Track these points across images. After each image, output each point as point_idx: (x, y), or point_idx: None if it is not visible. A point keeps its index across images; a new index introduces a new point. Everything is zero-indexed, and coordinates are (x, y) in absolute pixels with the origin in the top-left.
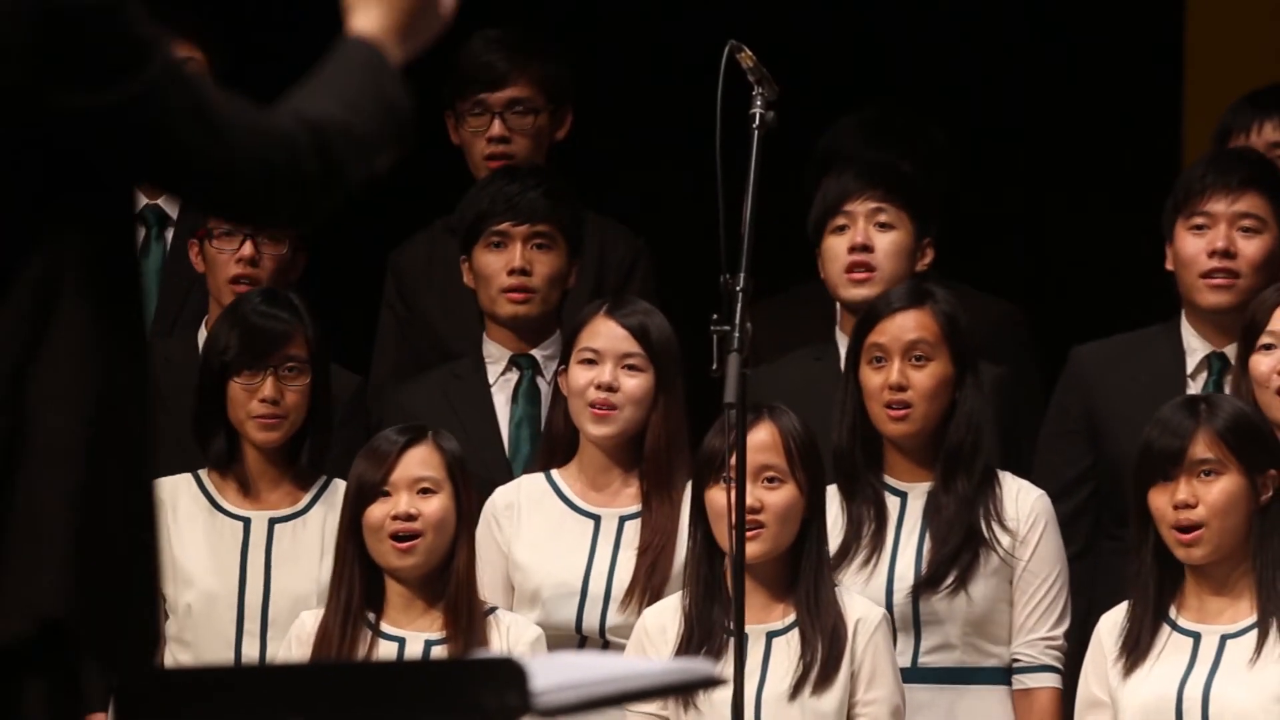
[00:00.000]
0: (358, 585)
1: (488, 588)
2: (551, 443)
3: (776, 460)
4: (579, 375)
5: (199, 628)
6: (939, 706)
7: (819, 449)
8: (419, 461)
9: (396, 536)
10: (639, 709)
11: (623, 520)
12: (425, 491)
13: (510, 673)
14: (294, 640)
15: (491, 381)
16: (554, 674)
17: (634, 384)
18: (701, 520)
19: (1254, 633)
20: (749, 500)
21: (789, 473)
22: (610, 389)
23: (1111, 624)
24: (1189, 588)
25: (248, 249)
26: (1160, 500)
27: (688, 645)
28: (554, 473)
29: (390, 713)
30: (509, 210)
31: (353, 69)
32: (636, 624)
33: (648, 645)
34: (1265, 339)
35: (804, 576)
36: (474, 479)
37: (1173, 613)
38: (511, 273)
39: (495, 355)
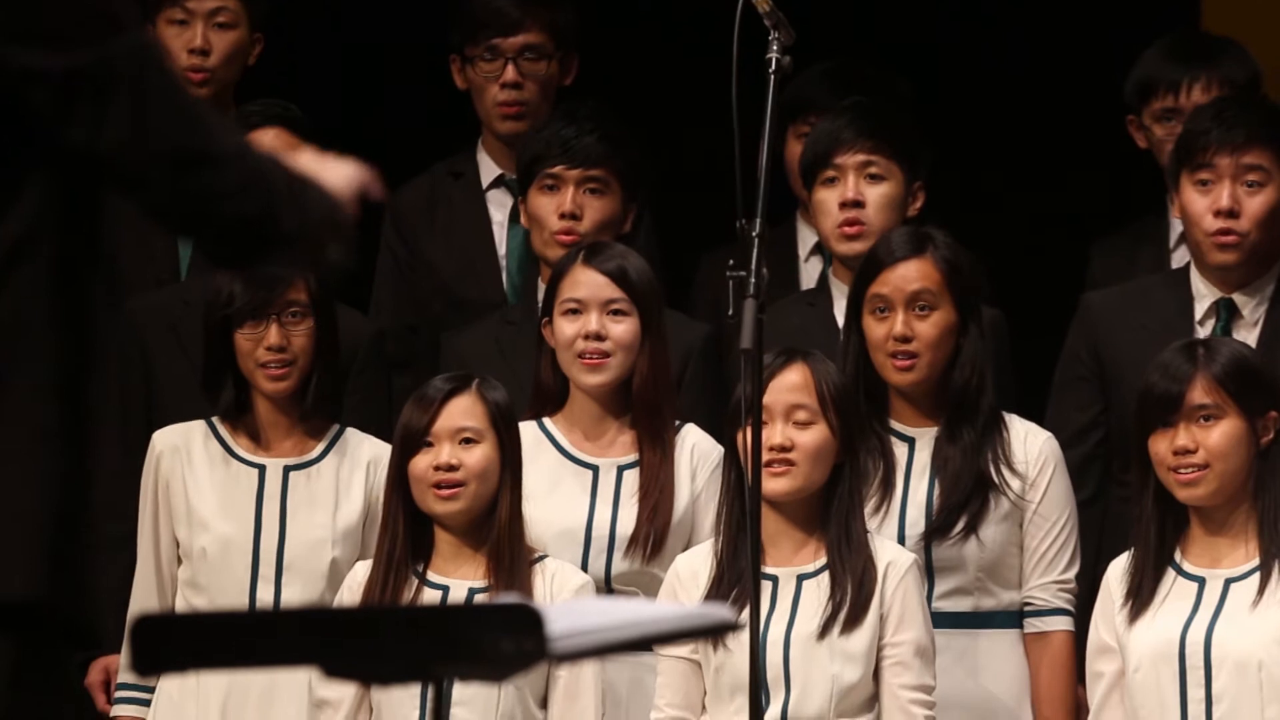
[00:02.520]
0: (402, 535)
1: None
2: (541, 393)
3: (808, 400)
4: (565, 327)
5: (214, 572)
6: (953, 650)
7: (853, 395)
8: (462, 411)
9: (439, 486)
10: (670, 651)
11: (621, 470)
12: (467, 441)
13: (526, 618)
14: (346, 590)
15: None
16: (569, 619)
17: (621, 329)
18: (734, 462)
19: (1256, 575)
20: (779, 439)
21: (820, 413)
22: (599, 338)
23: (1120, 571)
24: (1193, 532)
25: None
26: (1160, 446)
27: (718, 589)
28: (546, 422)
29: (406, 658)
30: (563, 153)
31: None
32: (669, 569)
33: (679, 590)
34: None
35: (835, 518)
36: None
37: (1177, 557)
38: (562, 216)
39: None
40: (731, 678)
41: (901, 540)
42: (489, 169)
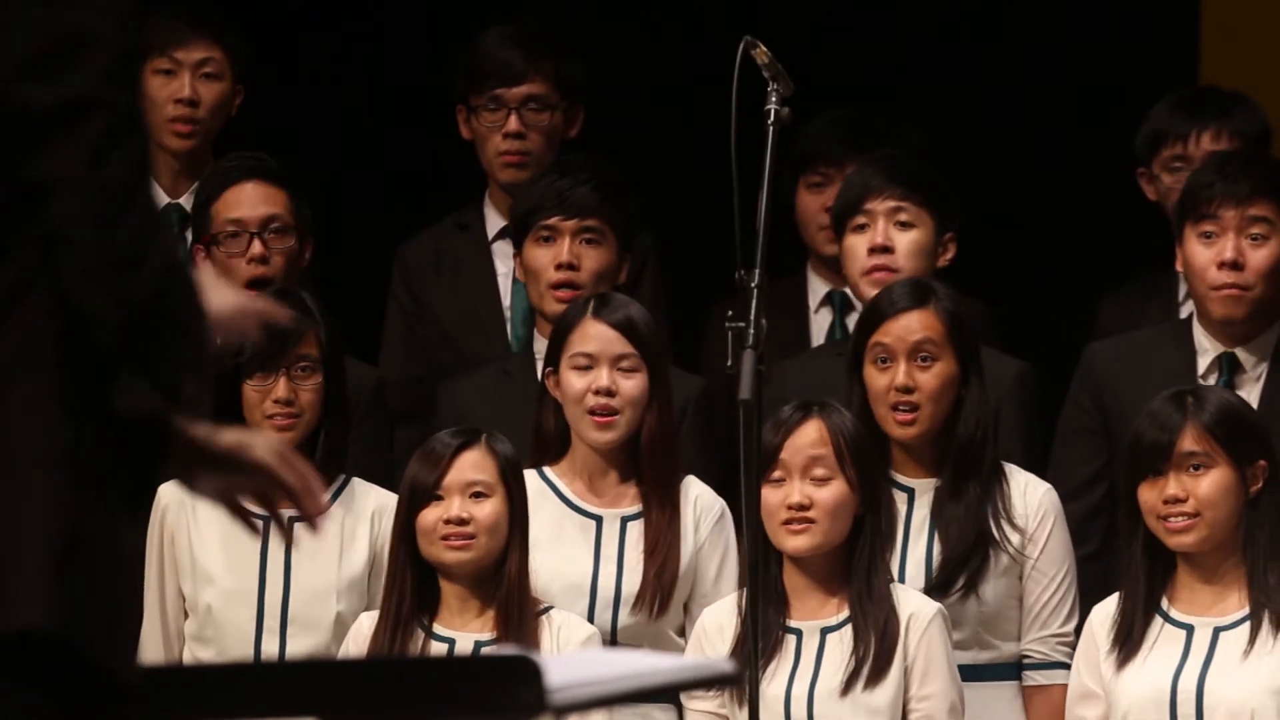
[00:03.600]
0: (410, 590)
1: None
2: (542, 442)
3: (825, 454)
4: (574, 381)
5: (219, 625)
6: None
7: (871, 447)
8: (472, 465)
9: (448, 538)
10: (698, 706)
11: (624, 521)
12: (478, 495)
13: (525, 669)
14: (351, 642)
15: (541, 378)
16: (569, 670)
17: (631, 385)
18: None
19: (1246, 625)
20: (798, 497)
21: (838, 469)
22: (609, 393)
23: (1103, 616)
24: (1180, 580)
25: (256, 247)
26: (1150, 495)
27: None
28: (547, 471)
29: (406, 709)
30: (558, 205)
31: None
32: (696, 623)
33: (705, 644)
34: None
35: (857, 572)
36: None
37: (1164, 605)
38: (559, 267)
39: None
40: None
41: None
42: (494, 221)
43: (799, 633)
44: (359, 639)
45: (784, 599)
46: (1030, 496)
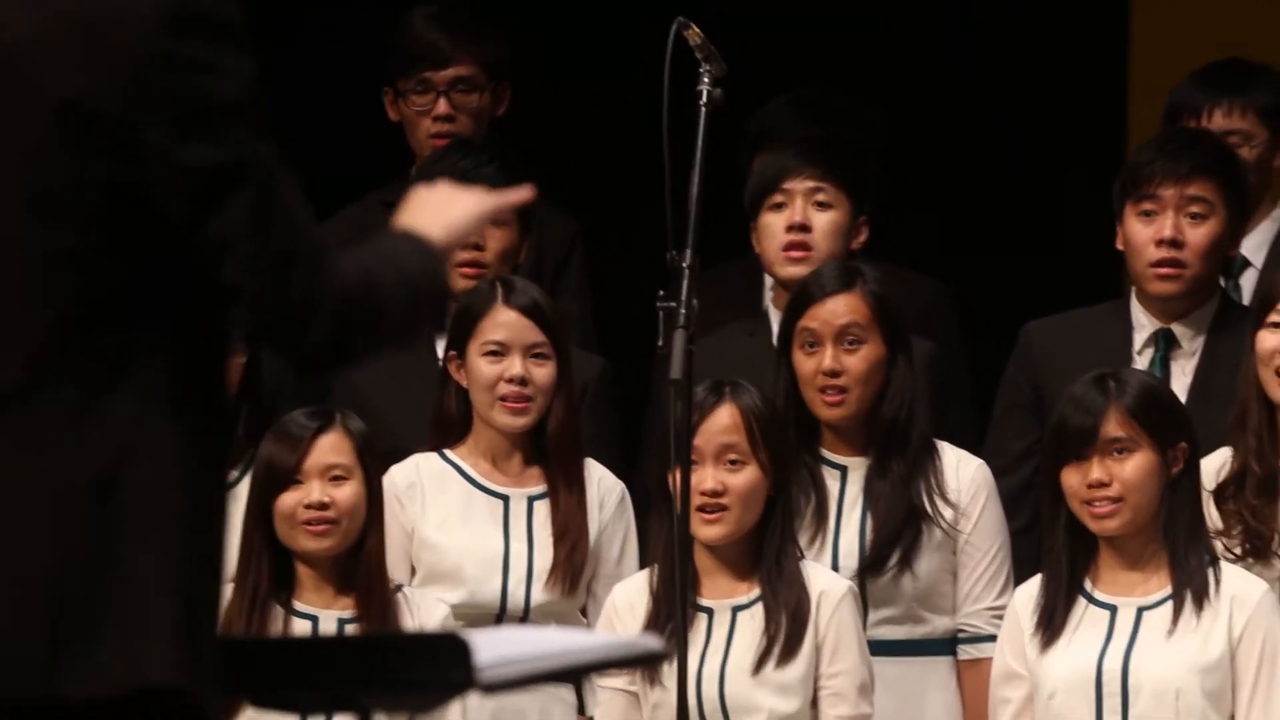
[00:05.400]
0: (266, 571)
1: (389, 565)
2: (444, 425)
3: (738, 440)
4: (485, 368)
5: None
6: (886, 678)
7: (781, 422)
8: (330, 448)
9: (309, 523)
10: (609, 683)
11: (531, 501)
12: (337, 479)
13: (454, 648)
14: None
15: (440, 356)
16: (497, 648)
17: (544, 373)
18: (666, 501)
19: (1169, 604)
20: (711, 484)
21: (751, 454)
22: (523, 382)
23: (1026, 598)
24: (1103, 561)
25: None
26: (1073, 479)
27: (655, 621)
28: (449, 453)
29: (332, 688)
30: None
31: (413, 258)
32: (606, 601)
33: (616, 622)
34: (1274, 316)
35: (768, 552)
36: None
37: (1088, 586)
38: (465, 248)
39: (444, 329)
40: (669, 712)
41: (836, 571)
42: None
43: (710, 611)
44: None
45: (695, 578)
46: (963, 472)
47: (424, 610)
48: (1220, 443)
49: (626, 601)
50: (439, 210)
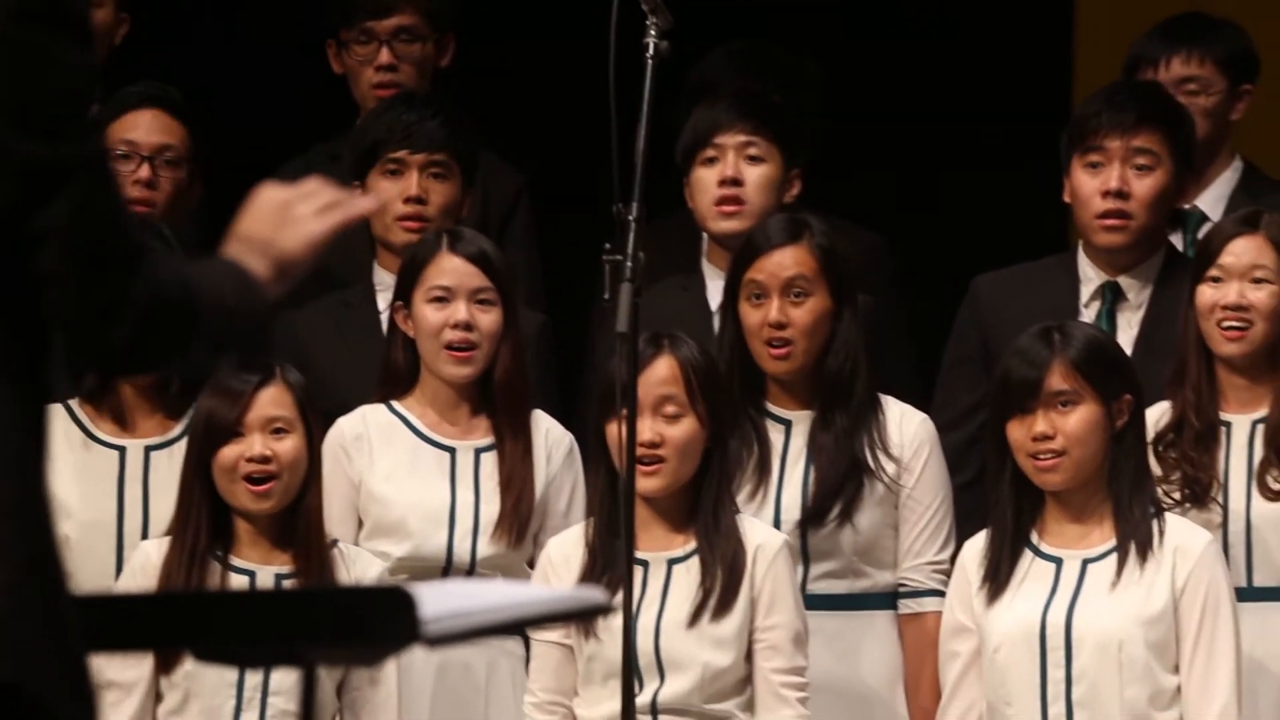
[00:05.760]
0: (204, 525)
1: (334, 519)
2: (391, 376)
3: (676, 392)
4: (431, 315)
5: (78, 557)
6: (827, 632)
7: (719, 375)
8: (271, 401)
9: (251, 479)
10: (543, 636)
11: (478, 453)
12: (278, 432)
13: (399, 601)
14: (138, 571)
15: (382, 309)
16: (442, 602)
17: (488, 319)
18: (603, 453)
19: (1113, 557)
20: (649, 435)
21: (689, 405)
22: (468, 327)
23: (974, 552)
24: (1048, 514)
25: (144, 171)
26: (1018, 432)
27: (591, 574)
28: (396, 405)
29: (276, 642)
30: (406, 139)
31: (232, 284)
32: (541, 553)
33: (552, 574)
34: (1214, 271)
35: (704, 505)
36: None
37: (1034, 539)
38: (407, 200)
39: (386, 283)
40: (604, 664)
41: (778, 525)
42: None
43: (646, 564)
44: (146, 568)
45: (633, 531)
46: (906, 427)
47: (360, 566)
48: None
49: (562, 554)
50: (277, 229)
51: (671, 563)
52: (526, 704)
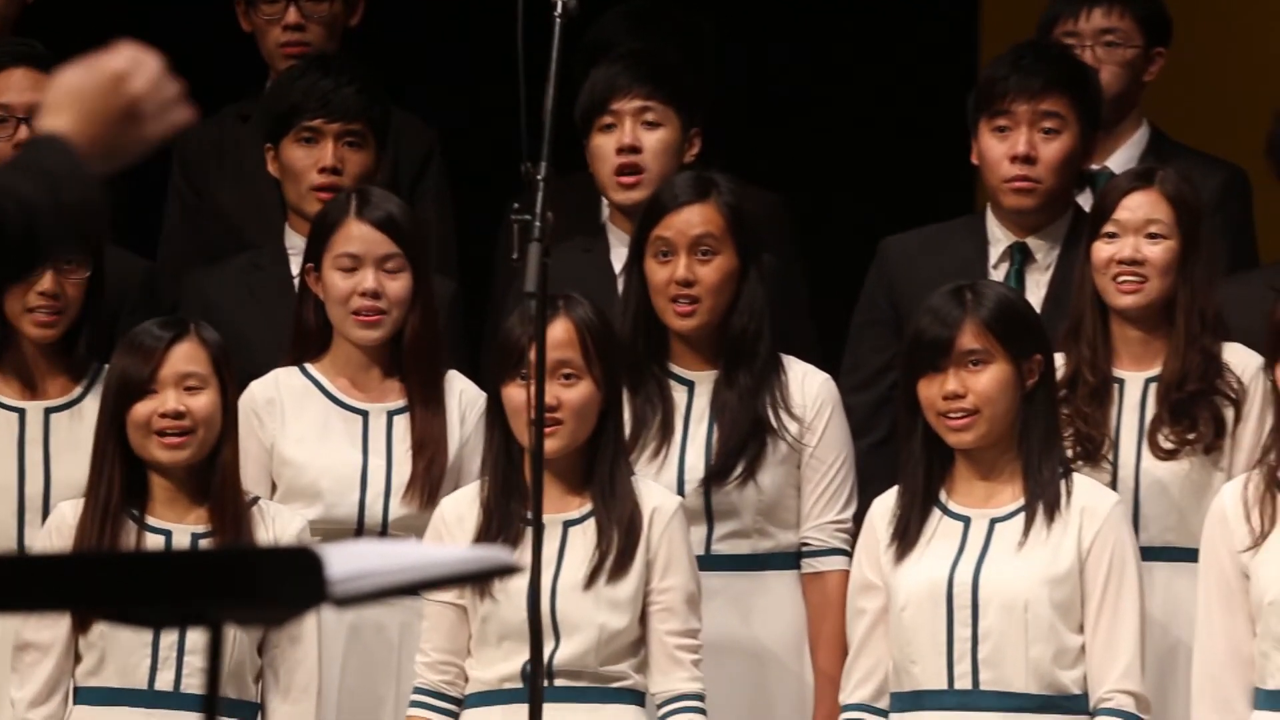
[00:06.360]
0: (118, 481)
1: (249, 482)
2: (303, 339)
3: (573, 356)
4: (339, 282)
5: None
6: (731, 593)
7: (615, 337)
8: (185, 357)
9: (165, 434)
10: (437, 596)
11: (390, 416)
12: (192, 388)
13: (306, 561)
14: (53, 531)
15: (294, 273)
16: (350, 562)
17: (397, 286)
18: (499, 415)
19: (1021, 516)
20: (548, 398)
21: (585, 368)
22: (375, 295)
23: (883, 509)
24: (958, 473)
25: (23, 132)
26: (929, 390)
27: (486, 534)
28: (309, 367)
29: (182, 603)
30: (322, 106)
31: (44, 165)
32: (435, 513)
33: (445, 534)
34: (1109, 227)
35: (600, 468)
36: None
37: (943, 497)
38: (322, 170)
39: (298, 247)
40: (499, 626)
41: (681, 484)
42: None
43: (542, 526)
44: (62, 528)
45: (525, 492)
46: (808, 387)
47: (280, 523)
48: None
49: (456, 514)
50: (120, 120)
51: (567, 525)
52: (418, 663)
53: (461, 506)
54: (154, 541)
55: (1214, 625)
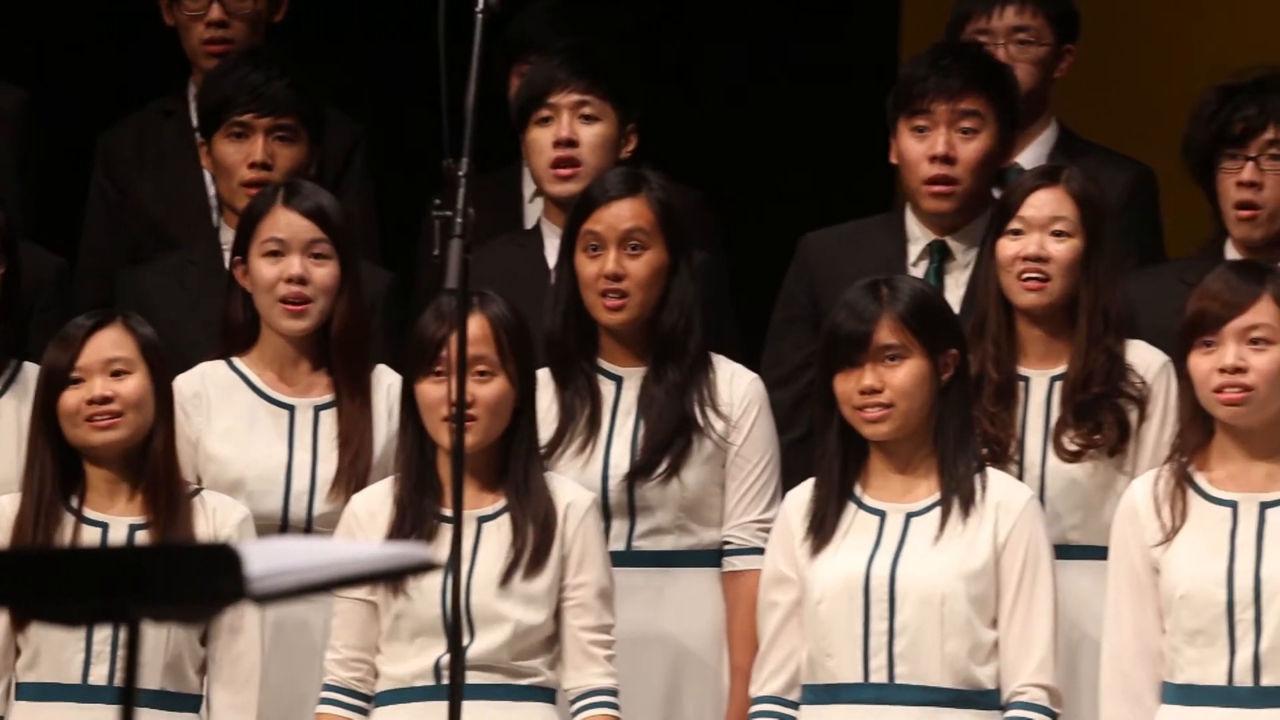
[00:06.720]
0: (51, 473)
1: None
2: (231, 333)
3: (487, 352)
4: (265, 270)
5: None
6: (651, 589)
7: (529, 334)
8: (110, 343)
9: (94, 420)
10: (348, 593)
11: (317, 410)
12: (119, 373)
13: (224, 558)
14: None
15: (227, 267)
16: (270, 559)
17: (323, 273)
18: (411, 411)
19: (937, 510)
20: None
21: (499, 365)
22: (301, 281)
23: (798, 503)
24: (873, 466)
25: None
26: (846, 385)
27: (399, 530)
28: (237, 362)
29: (101, 600)
30: (253, 101)
31: None
32: (345, 509)
33: (357, 529)
34: (1015, 224)
35: (514, 465)
36: (187, 365)
37: (858, 491)
38: (253, 165)
39: (231, 241)
40: (413, 622)
41: (606, 478)
42: None
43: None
44: (1, 523)
45: (439, 488)
46: (736, 385)
47: (220, 514)
48: None
49: (368, 510)
50: None
51: (482, 520)
52: (328, 660)
53: (373, 502)
54: (90, 534)
55: (1123, 620)
